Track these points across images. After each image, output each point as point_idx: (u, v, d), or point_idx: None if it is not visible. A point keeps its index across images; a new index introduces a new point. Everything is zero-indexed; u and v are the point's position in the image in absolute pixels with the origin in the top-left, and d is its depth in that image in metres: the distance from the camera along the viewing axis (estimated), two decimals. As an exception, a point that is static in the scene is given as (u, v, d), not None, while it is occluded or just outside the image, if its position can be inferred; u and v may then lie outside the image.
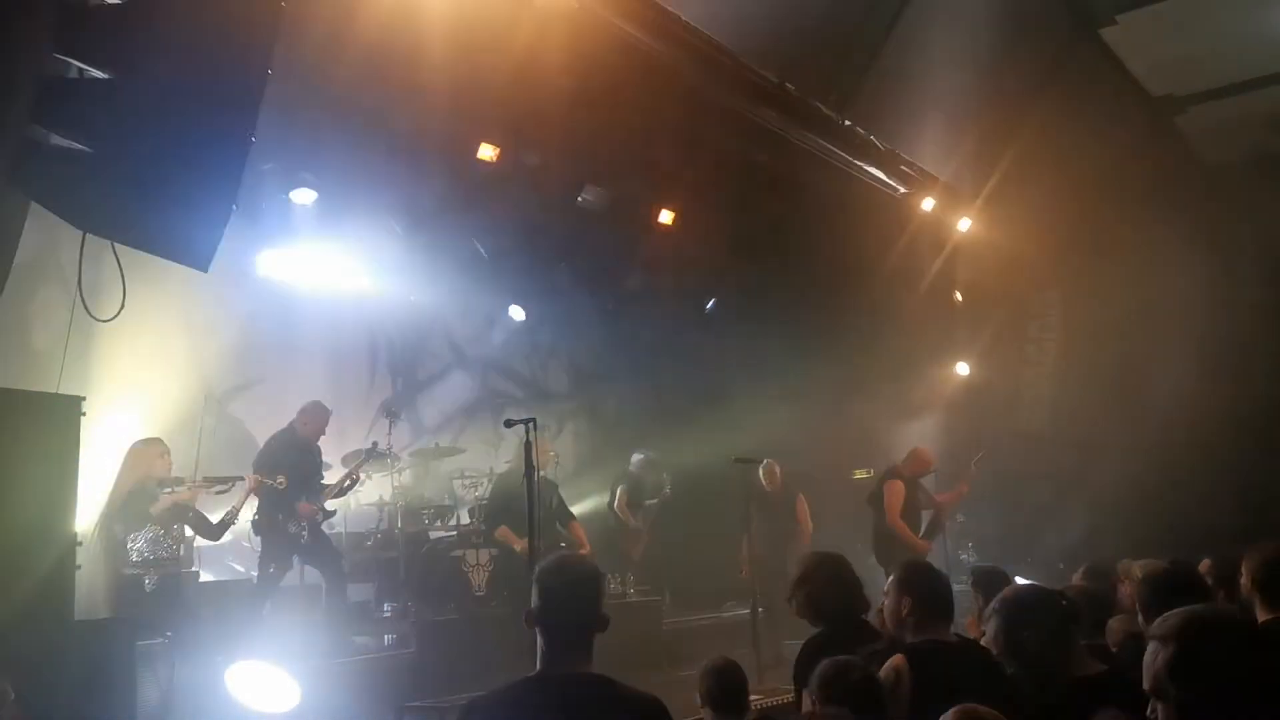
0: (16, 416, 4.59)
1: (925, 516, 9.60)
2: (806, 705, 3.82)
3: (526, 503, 7.49)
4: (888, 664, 3.62)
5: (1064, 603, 3.68)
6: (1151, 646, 2.37)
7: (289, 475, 7.61)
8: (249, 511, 7.60)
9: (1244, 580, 4.45)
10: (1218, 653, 2.28)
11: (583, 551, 8.33)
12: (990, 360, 12.82)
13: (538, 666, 2.99)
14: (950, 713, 2.69)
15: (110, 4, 4.29)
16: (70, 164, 4.38)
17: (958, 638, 3.99)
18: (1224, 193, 11.66)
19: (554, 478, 8.69)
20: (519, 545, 7.87)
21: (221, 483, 7.26)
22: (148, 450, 6.87)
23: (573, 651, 2.97)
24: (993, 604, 3.72)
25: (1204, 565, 5.30)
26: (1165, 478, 10.16)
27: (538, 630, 2.99)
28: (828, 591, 4.59)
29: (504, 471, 8.36)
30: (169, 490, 6.85)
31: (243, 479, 7.21)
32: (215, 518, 7.36)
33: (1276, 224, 10.73)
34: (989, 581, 5.57)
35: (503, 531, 8.13)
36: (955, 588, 10.81)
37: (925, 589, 3.98)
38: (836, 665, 3.58)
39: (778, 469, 9.80)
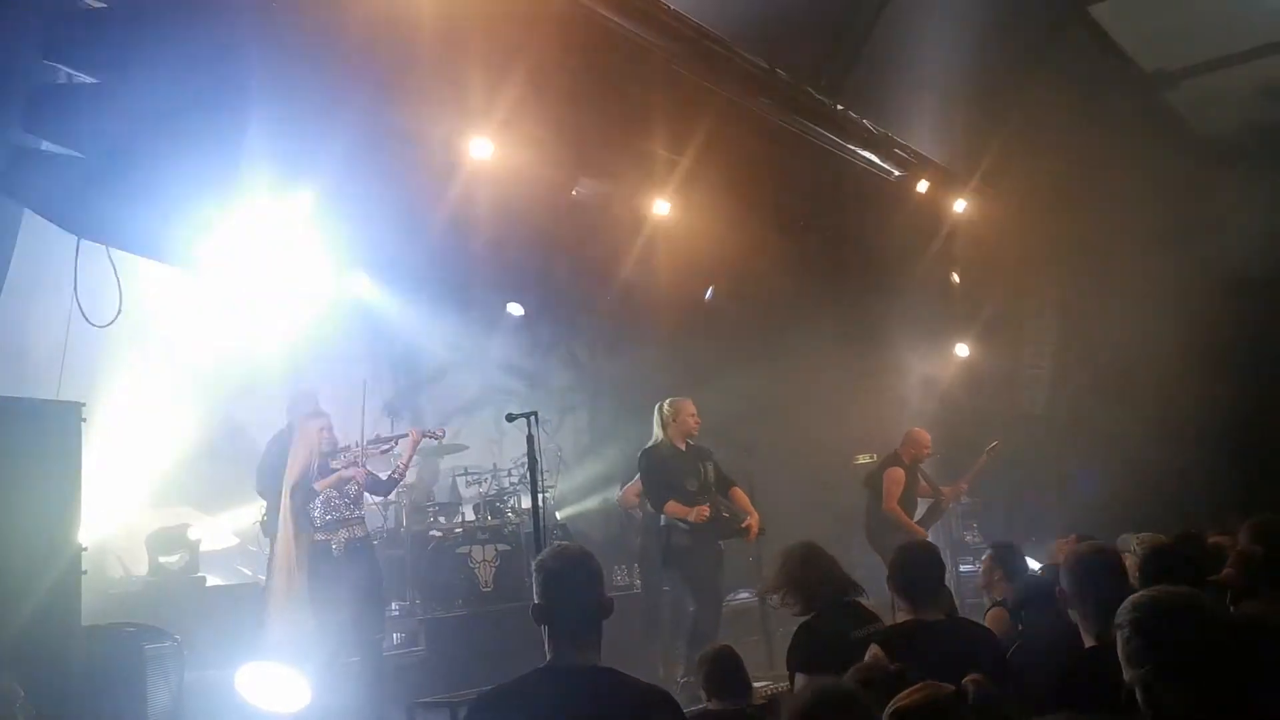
0: (17, 425, 4.58)
1: (923, 504, 9.63)
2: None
3: (676, 471, 7.57)
4: (868, 654, 3.67)
5: None
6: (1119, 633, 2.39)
7: None
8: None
9: (1238, 550, 4.50)
10: (1171, 634, 2.29)
11: (750, 520, 7.72)
12: (989, 341, 12.81)
13: (547, 658, 3.01)
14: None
15: (97, 8, 4.29)
16: (63, 170, 4.38)
17: (946, 616, 4.04)
18: (1219, 166, 11.63)
19: (707, 445, 7.97)
20: (694, 515, 7.39)
21: (386, 442, 7.40)
22: (310, 428, 7.02)
23: (580, 642, 3.00)
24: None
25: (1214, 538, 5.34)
26: (1166, 454, 10.15)
27: (544, 623, 3.03)
28: (807, 578, 4.62)
29: (650, 446, 7.82)
30: (335, 459, 6.97)
31: (406, 435, 7.33)
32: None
33: (1272, 196, 10.71)
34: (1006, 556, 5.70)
35: (672, 506, 7.52)
36: (963, 568, 10.84)
37: (906, 573, 4.07)
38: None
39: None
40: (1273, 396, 11.15)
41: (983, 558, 5.97)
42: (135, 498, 8.85)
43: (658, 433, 7.73)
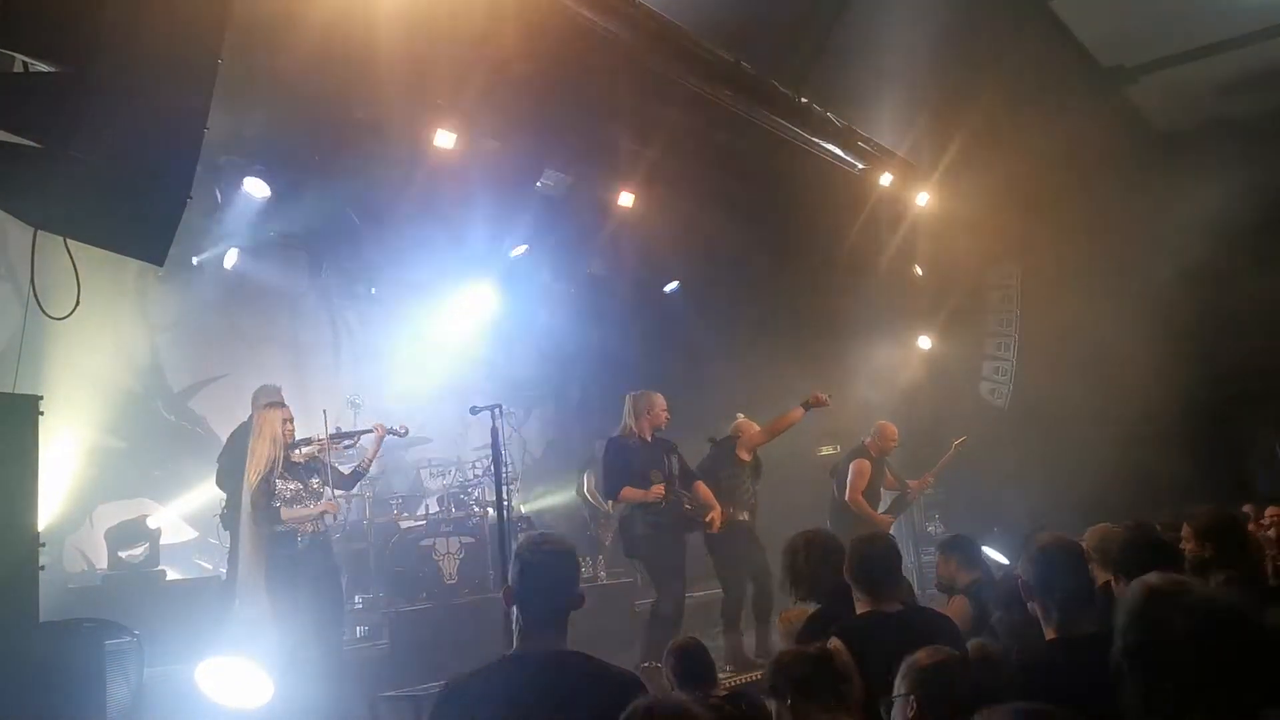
0: (-28, 418, 4.50)
1: (887, 495, 9.69)
2: None
3: (641, 462, 7.50)
4: (829, 644, 3.69)
5: None
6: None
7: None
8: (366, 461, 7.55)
9: (1188, 545, 4.57)
10: (1151, 615, 2.34)
11: (712, 514, 7.62)
12: (952, 333, 12.90)
13: (514, 644, 3.01)
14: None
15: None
16: (19, 160, 4.29)
17: (904, 605, 4.07)
18: (1177, 161, 11.76)
19: (671, 439, 7.91)
20: (650, 496, 7.33)
21: (349, 438, 7.36)
22: (273, 418, 6.93)
23: (549, 628, 3.02)
24: None
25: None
26: (1127, 445, 10.28)
27: (515, 607, 3.03)
28: (812, 568, 4.65)
29: (616, 435, 7.74)
30: (296, 452, 6.92)
31: (370, 431, 7.27)
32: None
33: (1230, 190, 10.85)
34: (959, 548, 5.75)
35: (627, 492, 7.46)
36: (927, 559, 10.86)
37: (863, 564, 4.10)
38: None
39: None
40: (1229, 386, 11.32)
41: (937, 557, 6.00)
42: (93, 491, 8.75)
43: (628, 422, 7.70)
